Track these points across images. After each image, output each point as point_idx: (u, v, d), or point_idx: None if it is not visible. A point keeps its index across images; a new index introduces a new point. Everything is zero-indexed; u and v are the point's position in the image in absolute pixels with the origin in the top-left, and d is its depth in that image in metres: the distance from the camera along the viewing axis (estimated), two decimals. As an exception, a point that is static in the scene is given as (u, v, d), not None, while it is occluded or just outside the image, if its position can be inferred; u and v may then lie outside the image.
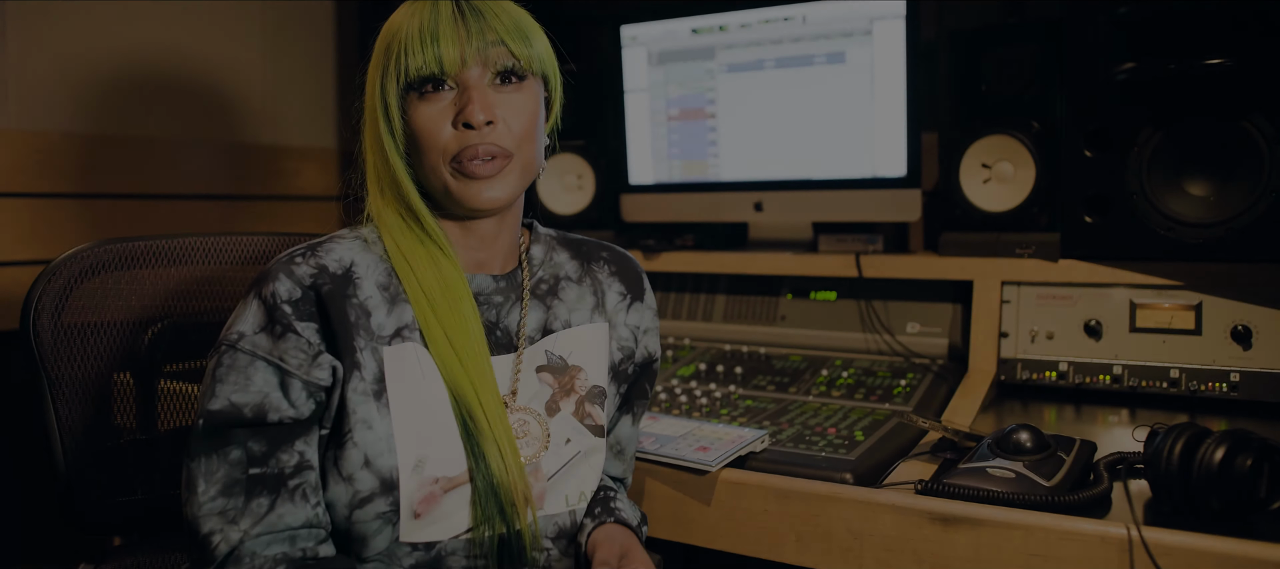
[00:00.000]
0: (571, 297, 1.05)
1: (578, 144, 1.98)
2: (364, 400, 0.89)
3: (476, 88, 0.91)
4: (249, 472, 0.86)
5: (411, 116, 0.92)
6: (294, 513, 0.87)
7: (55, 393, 1.14)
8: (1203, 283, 1.37)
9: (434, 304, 0.93)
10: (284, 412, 0.87)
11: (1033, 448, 1.09)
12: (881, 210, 1.68)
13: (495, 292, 1.01)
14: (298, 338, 0.88)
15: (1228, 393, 1.33)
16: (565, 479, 0.99)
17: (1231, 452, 0.94)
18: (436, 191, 0.95)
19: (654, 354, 1.13)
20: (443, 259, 0.95)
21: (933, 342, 1.59)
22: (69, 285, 1.15)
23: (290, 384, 0.88)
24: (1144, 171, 1.36)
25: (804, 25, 1.70)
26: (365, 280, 0.94)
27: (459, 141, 0.91)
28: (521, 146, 0.94)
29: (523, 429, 0.97)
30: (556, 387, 1.01)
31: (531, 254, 1.05)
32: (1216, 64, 1.25)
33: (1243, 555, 0.89)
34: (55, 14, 1.83)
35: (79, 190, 1.87)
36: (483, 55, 0.91)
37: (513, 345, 1.00)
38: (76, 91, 1.87)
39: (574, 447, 1.00)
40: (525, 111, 0.94)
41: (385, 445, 0.89)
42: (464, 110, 0.90)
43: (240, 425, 0.86)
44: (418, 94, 0.91)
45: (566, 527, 0.99)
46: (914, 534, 1.05)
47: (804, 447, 1.22)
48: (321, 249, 0.94)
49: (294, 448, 0.88)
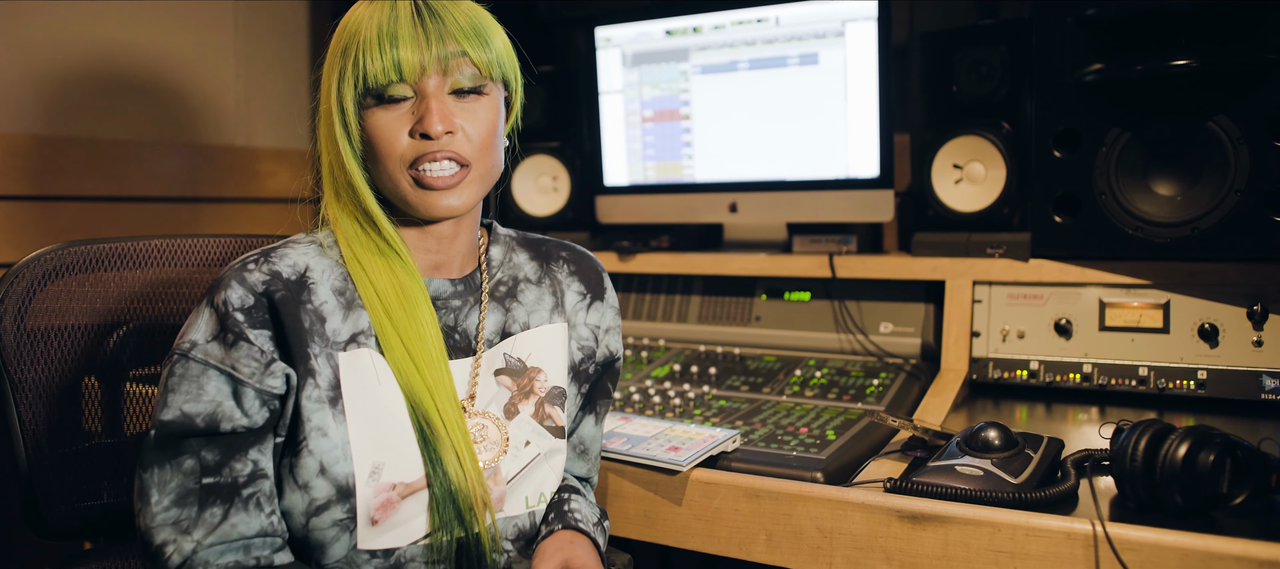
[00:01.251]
0: (530, 298, 1.05)
1: (552, 146, 1.97)
2: (319, 408, 0.88)
3: (435, 97, 0.90)
4: (202, 481, 0.85)
5: (369, 123, 0.91)
6: (248, 522, 0.85)
7: (18, 397, 1.12)
8: (1171, 282, 1.38)
9: (390, 310, 0.92)
10: (237, 421, 0.86)
11: (1001, 446, 1.10)
12: (855, 211, 1.69)
13: (453, 295, 1.00)
14: (250, 346, 0.87)
15: (1196, 390, 1.35)
16: (525, 481, 0.98)
17: (1194, 448, 0.95)
18: (394, 198, 0.94)
19: (615, 353, 1.12)
20: (399, 265, 0.94)
21: (905, 341, 1.60)
22: (32, 288, 1.13)
23: (243, 393, 0.86)
24: (1112, 172, 1.37)
25: (777, 27, 1.70)
26: (320, 286, 0.93)
27: (416, 149, 0.90)
28: (481, 156, 0.93)
29: (481, 433, 0.96)
30: (515, 389, 1.00)
31: (490, 256, 1.05)
32: (1183, 65, 1.26)
33: (1205, 550, 0.90)
34: (24, 14, 1.81)
35: (46, 192, 1.85)
36: (443, 64, 0.90)
37: (471, 349, 0.99)
38: (44, 93, 1.85)
39: (533, 448, 0.99)
40: (484, 121, 0.93)
41: (341, 453, 0.88)
42: (422, 120, 0.89)
43: (193, 435, 0.85)
44: (375, 100, 0.90)
45: (525, 528, 0.99)
46: (883, 532, 1.05)
47: (776, 446, 1.22)
48: (275, 254, 0.93)
49: (248, 457, 0.87)
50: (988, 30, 1.56)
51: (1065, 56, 1.38)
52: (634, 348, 1.75)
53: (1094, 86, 1.36)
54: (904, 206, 1.78)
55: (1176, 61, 1.26)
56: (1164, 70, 1.28)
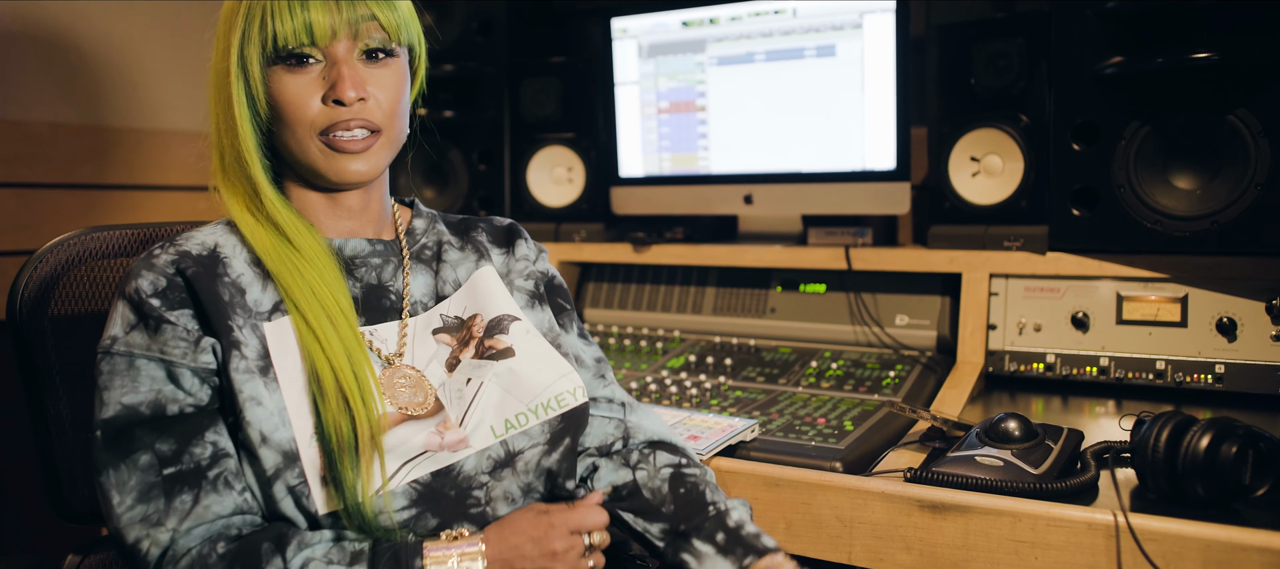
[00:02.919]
0: (455, 257, 1.04)
1: (567, 137, 1.97)
2: (249, 378, 0.86)
3: (346, 62, 0.90)
4: (164, 473, 0.83)
5: (276, 87, 0.90)
6: (221, 502, 0.84)
7: (42, 382, 1.13)
8: (1189, 275, 1.38)
9: (280, 274, 0.91)
10: (182, 401, 0.85)
11: (1021, 437, 1.10)
12: (871, 203, 1.69)
13: (373, 254, 0.99)
14: (173, 327, 0.86)
15: (1213, 384, 1.34)
16: (485, 413, 0.94)
17: (1217, 439, 0.95)
18: (302, 165, 0.93)
19: (549, 272, 1.12)
20: (289, 228, 0.93)
21: (921, 334, 1.60)
22: (56, 274, 1.14)
23: (179, 374, 0.86)
24: (1131, 165, 1.37)
25: (794, 18, 1.70)
26: (234, 259, 0.92)
27: (329, 116, 0.90)
28: (391, 122, 0.94)
29: (394, 386, 0.93)
30: (454, 343, 0.98)
31: (414, 226, 1.05)
32: (1203, 58, 1.26)
33: (1227, 541, 0.90)
34: (41, 3, 1.81)
35: (66, 181, 1.86)
36: (353, 27, 0.90)
37: (399, 310, 0.99)
38: (64, 82, 1.86)
39: (476, 381, 0.95)
40: (394, 87, 0.93)
41: (279, 419, 0.86)
42: (335, 87, 0.89)
43: (140, 425, 0.84)
44: (283, 65, 0.90)
45: (500, 457, 0.94)
46: (903, 521, 1.05)
47: (794, 436, 1.23)
48: (181, 237, 0.93)
49: (205, 439, 0.85)
50: (1006, 22, 1.55)
51: (1084, 49, 1.38)
52: (649, 338, 1.75)
53: (1113, 79, 1.36)
54: (920, 199, 1.77)
55: (1197, 55, 1.26)
56: (1184, 63, 1.27)
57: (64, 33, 1.86)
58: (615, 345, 1.75)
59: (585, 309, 1.92)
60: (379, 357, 0.95)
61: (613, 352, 1.73)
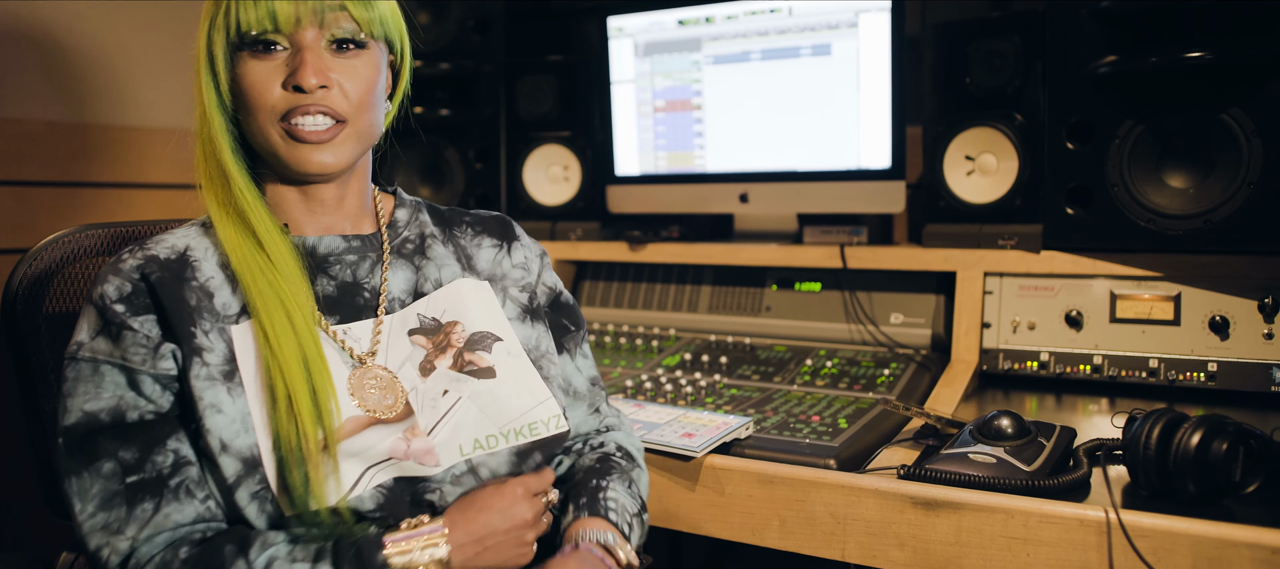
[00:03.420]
0: (439, 253, 1.03)
1: (564, 135, 1.98)
2: (210, 385, 0.86)
3: (311, 50, 0.89)
4: (127, 481, 0.83)
5: (240, 73, 0.90)
6: (181, 510, 0.83)
7: (36, 379, 1.13)
8: (1182, 274, 1.39)
9: (245, 270, 0.90)
10: (143, 408, 0.85)
11: (1014, 434, 1.10)
12: (866, 202, 1.69)
13: (347, 251, 0.98)
14: (134, 333, 0.86)
15: (1206, 382, 1.35)
16: (455, 431, 0.93)
17: (1208, 436, 0.96)
18: (268, 154, 0.92)
19: (555, 287, 1.11)
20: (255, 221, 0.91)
21: (916, 332, 1.60)
22: (50, 271, 1.14)
23: (140, 381, 0.85)
24: (1125, 164, 1.38)
25: (790, 17, 1.71)
26: (204, 262, 0.91)
27: (289, 102, 0.89)
28: (358, 113, 0.92)
29: (363, 388, 0.91)
30: (430, 346, 0.97)
31: (396, 216, 1.04)
32: (1197, 57, 1.26)
33: (1218, 537, 0.90)
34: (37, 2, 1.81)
35: (61, 179, 1.86)
36: (319, 16, 0.89)
37: (375, 307, 0.97)
38: (58, 80, 1.86)
39: (453, 395, 0.94)
40: (363, 78, 0.92)
41: (240, 426, 0.85)
42: (296, 73, 0.88)
43: (102, 432, 0.84)
44: (248, 51, 0.89)
45: (463, 473, 0.92)
46: (896, 518, 1.06)
47: (788, 434, 1.23)
48: (150, 241, 0.92)
49: (166, 448, 0.85)
50: (1001, 21, 1.56)
51: (1079, 48, 1.38)
52: (644, 336, 1.76)
53: (1108, 78, 1.36)
54: (915, 198, 1.78)
55: (1191, 54, 1.27)
56: (1178, 62, 1.28)
57: (58, 31, 1.86)
58: (611, 344, 1.76)
59: (581, 307, 1.92)
60: (351, 356, 0.93)
61: (608, 350, 1.73)
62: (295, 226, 0.97)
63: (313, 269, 0.95)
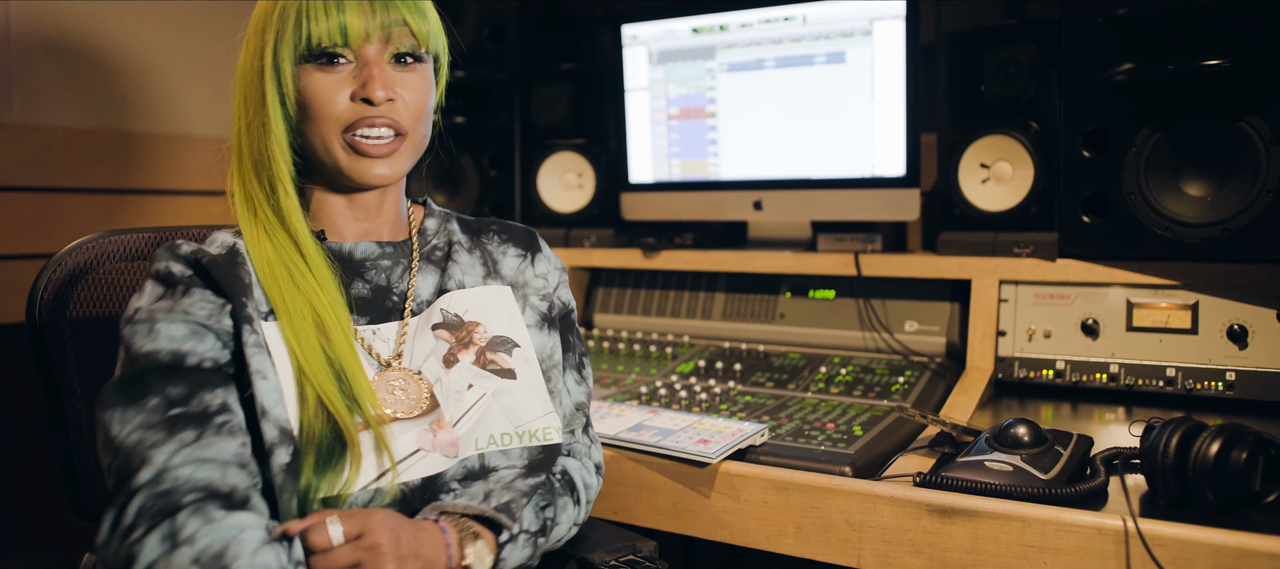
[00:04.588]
0: (464, 261, 1.06)
1: (578, 142, 1.99)
2: (258, 352, 0.88)
3: (377, 64, 0.93)
4: (169, 413, 0.83)
5: (304, 85, 0.93)
6: (223, 446, 0.84)
7: (61, 383, 1.14)
8: (1199, 282, 1.38)
9: (276, 282, 0.93)
10: (203, 356, 0.87)
11: (1030, 442, 1.10)
12: (880, 210, 1.69)
13: (382, 256, 1.02)
14: (201, 291, 0.90)
15: (1224, 392, 1.34)
16: (476, 424, 0.96)
17: (1227, 445, 0.95)
18: (325, 164, 0.96)
19: (568, 303, 1.13)
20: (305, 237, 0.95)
21: (931, 340, 1.60)
22: (74, 276, 1.15)
23: (202, 335, 0.88)
24: (1141, 172, 1.37)
25: (804, 25, 1.71)
26: (248, 261, 0.95)
27: (356, 113, 0.92)
28: (416, 125, 0.97)
29: (390, 390, 0.94)
30: (453, 340, 1.00)
31: (426, 225, 1.08)
32: (1214, 65, 1.26)
33: (1237, 547, 0.90)
34: (59, 9, 1.84)
35: (84, 185, 1.88)
36: (386, 31, 0.93)
37: (402, 310, 1.01)
38: (81, 87, 1.88)
39: (478, 390, 0.97)
40: (421, 91, 0.96)
41: (277, 396, 0.88)
42: (366, 86, 0.92)
43: (155, 371, 0.85)
44: (314, 64, 0.92)
45: (475, 469, 0.95)
46: (912, 525, 1.06)
47: (803, 441, 1.23)
48: (198, 237, 0.97)
49: (216, 392, 0.86)
50: (1016, 30, 1.56)
51: (1095, 56, 1.38)
52: (658, 343, 1.76)
53: (1124, 86, 1.36)
54: (929, 206, 1.78)
55: (1208, 61, 1.26)
56: (1195, 70, 1.28)
57: (81, 38, 1.88)
58: (625, 350, 1.76)
59: (595, 314, 1.93)
60: (378, 361, 0.96)
61: (622, 356, 1.74)
62: (335, 231, 1.01)
63: (349, 273, 0.99)
